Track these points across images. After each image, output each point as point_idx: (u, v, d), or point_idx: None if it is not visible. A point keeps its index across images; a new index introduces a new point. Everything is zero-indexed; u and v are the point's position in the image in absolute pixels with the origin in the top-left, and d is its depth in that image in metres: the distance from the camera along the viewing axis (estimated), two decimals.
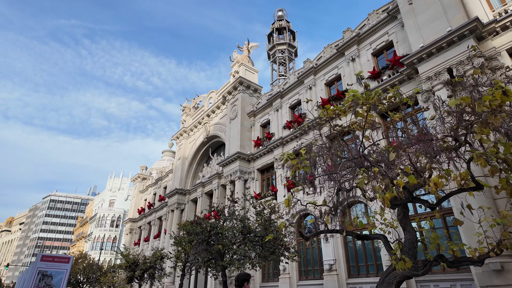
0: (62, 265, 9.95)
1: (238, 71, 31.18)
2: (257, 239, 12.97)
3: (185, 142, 38.58)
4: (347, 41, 20.36)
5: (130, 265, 24.29)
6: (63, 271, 9.91)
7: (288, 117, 24.35)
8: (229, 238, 13.67)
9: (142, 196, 49.30)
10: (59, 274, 9.80)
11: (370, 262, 16.12)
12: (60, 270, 9.85)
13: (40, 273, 9.53)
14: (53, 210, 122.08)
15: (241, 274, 5.05)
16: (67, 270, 9.99)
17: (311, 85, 22.64)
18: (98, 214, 70.20)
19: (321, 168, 8.36)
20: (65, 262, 10.07)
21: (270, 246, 12.95)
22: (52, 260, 9.84)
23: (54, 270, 9.76)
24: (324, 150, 8.82)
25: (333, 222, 10.65)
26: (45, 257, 9.80)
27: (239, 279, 4.98)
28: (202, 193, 32.28)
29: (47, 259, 9.78)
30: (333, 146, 10.32)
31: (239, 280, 4.96)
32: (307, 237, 11.51)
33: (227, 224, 14.29)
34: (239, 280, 4.97)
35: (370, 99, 8.34)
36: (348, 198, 10.49)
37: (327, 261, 17.13)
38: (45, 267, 9.66)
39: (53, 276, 9.70)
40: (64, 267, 9.97)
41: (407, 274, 7.53)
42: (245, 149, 26.68)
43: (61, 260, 10.00)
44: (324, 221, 10.48)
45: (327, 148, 10.08)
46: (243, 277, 4.98)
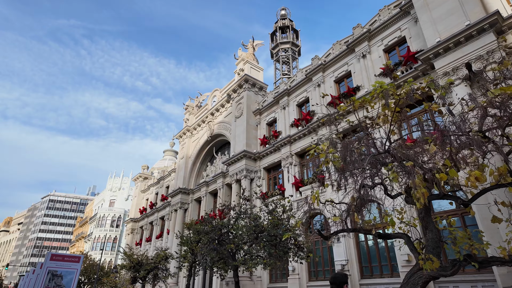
0: (72, 265, 9.53)
1: (243, 69, 30.79)
2: (271, 238, 12.57)
3: (188, 141, 38.14)
4: (357, 37, 20.00)
5: (134, 266, 23.83)
6: (73, 271, 9.49)
7: (296, 115, 23.96)
8: (241, 237, 13.26)
9: (144, 196, 48.80)
10: (69, 274, 9.38)
11: (384, 262, 15.73)
12: (71, 270, 9.43)
13: (50, 273, 9.11)
14: (52, 210, 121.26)
15: (338, 275, 4.36)
16: (77, 270, 9.57)
17: (319, 82, 22.27)
18: (98, 214, 69.60)
19: (350, 163, 7.93)
20: (75, 261, 9.65)
21: (284, 245, 12.55)
22: (62, 260, 9.41)
23: (64, 270, 9.33)
24: (351, 145, 8.43)
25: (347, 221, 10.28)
26: (55, 256, 9.37)
27: (337, 281, 4.28)
28: (206, 193, 31.84)
29: (56, 258, 9.35)
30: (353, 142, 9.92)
31: (337, 283, 4.27)
32: (327, 236, 11.11)
33: (239, 222, 13.88)
34: (336, 282, 4.28)
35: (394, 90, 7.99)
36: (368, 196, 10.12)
37: (339, 261, 16.74)
38: (55, 267, 9.23)
39: (63, 276, 9.28)
40: (75, 267, 9.55)
41: (434, 275, 7.14)
42: (251, 148, 26.29)
43: (71, 260, 9.57)
44: (344, 219, 10.10)
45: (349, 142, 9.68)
46: (341, 279, 4.31)
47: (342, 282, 4.28)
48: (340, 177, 8.22)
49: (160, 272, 24.19)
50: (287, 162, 22.78)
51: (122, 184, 73.07)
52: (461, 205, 7.54)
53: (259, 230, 12.86)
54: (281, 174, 24.22)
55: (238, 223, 13.70)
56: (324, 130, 20.37)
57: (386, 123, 8.56)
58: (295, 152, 22.63)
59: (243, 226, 12.84)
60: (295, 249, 12.79)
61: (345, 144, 8.67)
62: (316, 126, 20.74)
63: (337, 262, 16.84)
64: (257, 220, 12.97)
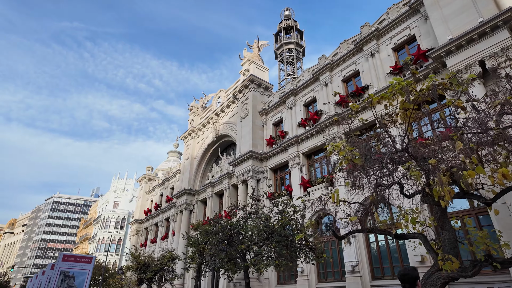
0: (85, 265, 9.41)
1: (248, 69, 30.69)
2: (282, 238, 12.40)
3: (193, 142, 38.06)
4: (365, 36, 19.84)
5: (141, 267, 23.71)
6: (86, 271, 9.37)
7: (303, 115, 23.80)
8: (252, 237, 13.10)
9: (148, 197, 48.75)
10: (82, 275, 9.26)
11: (396, 263, 15.50)
12: (83, 271, 9.31)
13: (62, 274, 8.99)
14: (56, 212, 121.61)
15: (409, 271, 3.76)
16: (89, 270, 9.45)
17: (327, 81, 22.11)
18: (103, 215, 69.65)
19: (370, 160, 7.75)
20: (87, 262, 9.53)
21: (296, 246, 12.37)
22: (74, 260, 9.30)
23: (76, 270, 9.21)
24: (369, 142, 8.26)
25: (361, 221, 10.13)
26: (67, 256, 9.26)
27: (409, 279, 3.68)
28: (212, 194, 31.71)
29: (68, 259, 9.24)
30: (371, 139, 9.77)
31: (410, 281, 3.68)
32: (341, 237, 10.93)
33: (250, 223, 13.71)
34: (409, 281, 3.68)
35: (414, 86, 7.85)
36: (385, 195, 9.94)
37: (349, 262, 16.52)
38: (67, 267, 9.12)
39: (75, 277, 9.16)
40: (87, 268, 9.43)
41: (453, 276, 6.96)
42: (257, 148, 26.14)
43: (83, 260, 9.46)
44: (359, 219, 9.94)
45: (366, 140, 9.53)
46: (413, 274, 3.73)
47: (414, 277, 3.70)
48: (358, 175, 8.05)
49: (167, 273, 24.06)
50: (295, 162, 22.60)
51: (126, 186, 73.13)
52: (484, 204, 7.35)
53: (270, 231, 12.69)
54: (288, 174, 24.05)
55: (248, 224, 13.53)
56: (334, 129, 20.18)
57: (405, 120, 8.38)
58: (302, 152, 22.46)
59: (254, 226, 12.67)
60: (306, 250, 12.61)
61: (363, 142, 8.51)
62: (325, 125, 20.56)
63: (347, 263, 16.63)
64: (268, 221, 12.80)
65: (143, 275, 23.44)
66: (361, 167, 7.87)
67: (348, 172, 8.26)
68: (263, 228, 12.44)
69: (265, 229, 12.46)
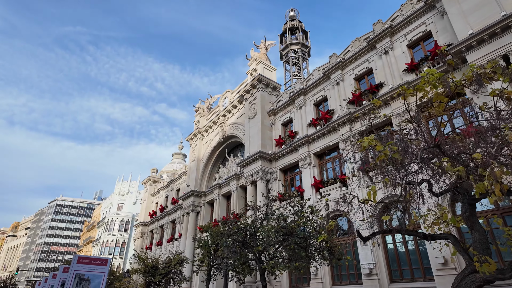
0: (100, 268, 9.00)
1: (256, 69, 30.36)
2: (300, 240, 11.95)
3: (199, 143, 37.70)
4: (378, 33, 19.46)
5: (149, 270, 23.25)
6: (101, 274, 8.96)
7: (313, 114, 23.40)
8: (268, 239, 12.66)
9: (153, 199, 48.37)
10: (97, 278, 8.85)
11: (415, 265, 15.01)
12: (98, 274, 8.90)
13: (77, 277, 8.58)
14: (59, 215, 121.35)
15: None
16: (105, 273, 9.03)
17: (338, 80, 21.72)
18: (107, 218, 69.26)
19: (407, 155, 7.29)
20: (103, 264, 9.12)
21: (315, 247, 11.92)
22: (89, 262, 8.89)
23: (92, 273, 8.81)
24: (404, 137, 7.83)
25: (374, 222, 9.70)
26: (82, 258, 8.85)
27: None
28: (219, 195, 31.29)
29: (84, 261, 8.83)
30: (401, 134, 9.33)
31: None
32: (366, 238, 10.46)
33: (266, 223, 13.27)
34: None
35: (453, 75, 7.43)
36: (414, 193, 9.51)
37: (366, 264, 16.04)
38: (82, 270, 8.72)
39: (91, 280, 8.75)
40: (102, 270, 9.02)
41: (489, 278, 6.49)
42: (266, 149, 25.74)
43: (98, 262, 9.05)
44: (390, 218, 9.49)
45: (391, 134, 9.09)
46: None
47: None
48: (393, 172, 7.62)
49: (175, 276, 23.59)
50: (306, 162, 22.17)
51: (130, 188, 72.81)
52: None
53: (287, 232, 12.24)
54: (299, 175, 23.61)
55: (265, 225, 13.09)
56: (346, 128, 19.76)
57: (438, 113, 7.94)
58: (313, 153, 22.03)
59: (272, 227, 12.23)
60: (325, 252, 12.15)
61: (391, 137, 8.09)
62: (337, 125, 20.15)
63: (364, 265, 16.15)
64: (286, 221, 12.35)
65: (151, 278, 22.97)
66: (396, 163, 7.42)
67: (381, 169, 7.82)
68: (281, 229, 11.99)
69: (283, 230, 12.01)
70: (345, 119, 19.67)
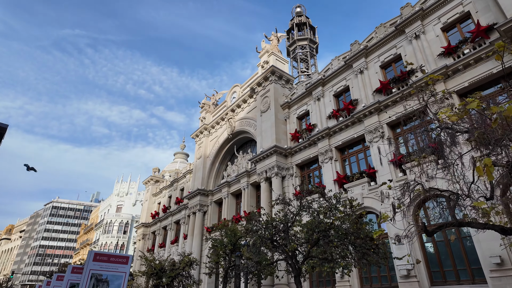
0: (120, 267, 7.44)
1: (267, 61, 28.94)
2: (341, 236, 10.45)
3: (205, 140, 36.14)
4: (407, 17, 18.15)
5: (157, 272, 21.60)
6: (121, 274, 7.40)
7: (333, 106, 21.99)
8: (304, 235, 11.15)
9: (156, 200, 46.61)
10: (117, 279, 7.29)
11: (461, 266, 13.54)
12: (118, 274, 7.34)
13: (94, 278, 7.02)
14: (55, 217, 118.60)
15: None
16: (126, 273, 7.48)
17: (362, 68, 20.35)
18: (105, 220, 67.31)
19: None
20: (123, 262, 7.55)
21: (360, 245, 10.42)
22: (107, 260, 7.32)
23: (111, 273, 7.25)
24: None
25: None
26: (99, 255, 7.29)
27: None
28: (228, 194, 29.71)
29: (101, 258, 7.27)
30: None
31: None
32: (432, 231, 9.00)
33: (299, 218, 11.76)
34: None
35: None
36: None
37: (403, 265, 14.51)
38: (99, 269, 7.15)
39: (110, 281, 7.19)
40: (123, 270, 7.46)
41: None
42: (280, 143, 24.26)
43: (118, 260, 7.48)
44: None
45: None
46: None
47: None
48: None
49: (184, 279, 21.93)
50: (326, 157, 20.71)
51: (130, 189, 70.93)
52: None
53: (326, 227, 10.73)
54: (318, 170, 22.15)
55: (299, 219, 11.59)
56: (373, 119, 18.35)
57: None
58: (335, 146, 20.59)
59: (309, 222, 10.72)
60: (371, 250, 10.65)
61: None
62: (363, 115, 18.74)
63: (399, 266, 14.62)
64: (326, 215, 10.83)
65: (160, 281, 21.31)
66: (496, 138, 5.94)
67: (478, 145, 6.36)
68: (321, 225, 10.48)
69: (323, 226, 10.50)
70: (373, 109, 18.27)
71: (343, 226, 10.54)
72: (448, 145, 7.88)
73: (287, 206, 12.29)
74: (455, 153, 7.94)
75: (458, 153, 7.87)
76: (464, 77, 14.90)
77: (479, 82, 14.51)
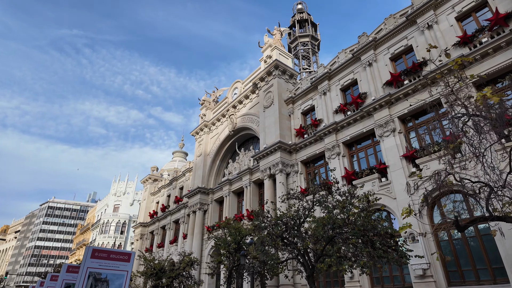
0: (121, 265, 6.62)
1: (271, 56, 28.21)
2: (359, 233, 9.69)
3: (206, 137, 35.30)
4: (418, 8, 17.49)
5: (157, 272, 20.74)
6: (123, 273, 6.58)
7: (340, 100, 21.27)
8: (318, 231, 10.37)
9: (154, 199, 45.66)
10: (118, 279, 6.47)
11: (481, 265, 12.81)
12: (119, 272, 6.52)
13: (92, 276, 6.20)
14: (51, 217, 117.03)
15: None
16: (128, 272, 6.66)
17: (371, 60, 19.64)
18: (102, 220, 66.17)
19: None
20: (125, 260, 6.74)
21: (382, 243, 9.66)
22: (106, 257, 6.50)
23: (111, 271, 6.42)
24: None
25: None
26: (98, 252, 6.45)
27: None
28: (230, 192, 28.89)
29: (100, 255, 6.44)
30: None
31: None
32: (463, 226, 8.31)
33: (312, 214, 10.98)
34: None
35: None
36: None
37: (418, 265, 13.76)
38: (98, 267, 6.33)
39: (110, 280, 6.37)
40: (124, 268, 6.64)
41: None
42: (285, 139, 23.49)
43: (119, 257, 6.66)
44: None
45: None
46: None
47: None
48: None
49: (185, 280, 21.10)
50: (333, 152, 19.97)
51: (127, 189, 69.83)
52: None
53: (343, 223, 9.96)
54: (324, 167, 21.41)
55: (313, 215, 10.81)
56: (383, 112, 17.63)
57: None
58: (342, 141, 19.86)
59: (326, 217, 9.94)
60: (393, 247, 9.89)
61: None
62: (373, 108, 18.02)
63: (415, 266, 13.85)
64: (344, 210, 10.05)
65: (159, 282, 20.46)
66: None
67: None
68: (338, 220, 9.70)
69: (339, 221, 9.72)
70: (383, 102, 17.56)
71: (358, 223, 9.77)
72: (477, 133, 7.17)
73: (298, 201, 11.51)
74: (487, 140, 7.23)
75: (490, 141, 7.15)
76: (482, 67, 14.21)
77: (498, 72, 13.83)
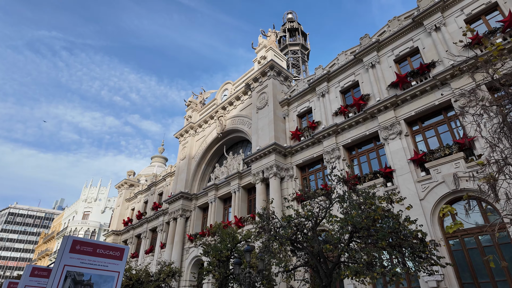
0: (111, 263, 4.89)
1: (265, 57, 27.19)
2: (386, 235, 8.40)
3: (191, 140, 33.38)
4: (425, 9, 17.10)
5: (133, 284, 18.38)
6: (113, 275, 4.85)
7: (340, 102, 20.38)
8: (339, 233, 8.97)
9: (129, 205, 42.62)
10: (106, 282, 4.73)
11: (500, 277, 11.84)
12: (108, 273, 4.79)
13: (70, 278, 4.44)
14: (11, 225, 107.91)
15: None
16: (119, 273, 4.93)
17: (373, 62, 18.98)
18: (69, 227, 61.30)
19: None
20: (116, 257, 5.01)
21: (416, 247, 8.39)
22: (92, 253, 4.76)
23: (97, 272, 4.69)
24: None
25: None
26: (80, 244, 4.70)
27: None
28: (215, 197, 27.01)
29: (83, 249, 4.70)
30: None
31: None
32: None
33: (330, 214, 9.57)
34: None
35: None
36: None
37: (431, 276, 12.60)
38: (79, 265, 4.57)
39: (95, 284, 4.62)
40: (115, 268, 4.91)
41: None
42: (279, 141, 22.21)
43: (108, 254, 4.93)
44: None
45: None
46: None
47: None
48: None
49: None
50: (333, 156, 18.86)
51: (99, 195, 65.49)
52: None
53: (369, 224, 8.63)
54: (321, 172, 20.23)
55: (330, 216, 9.41)
56: (388, 114, 16.81)
57: None
58: (343, 144, 18.83)
59: (352, 215, 8.57)
60: (423, 251, 8.63)
61: None
62: (377, 110, 17.17)
63: (427, 277, 12.72)
64: (371, 208, 8.74)
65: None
66: None
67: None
68: (364, 221, 8.35)
69: (366, 222, 8.38)
70: (388, 103, 16.76)
71: (389, 224, 8.49)
72: None
73: (312, 200, 10.10)
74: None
75: None
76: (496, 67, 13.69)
77: None
